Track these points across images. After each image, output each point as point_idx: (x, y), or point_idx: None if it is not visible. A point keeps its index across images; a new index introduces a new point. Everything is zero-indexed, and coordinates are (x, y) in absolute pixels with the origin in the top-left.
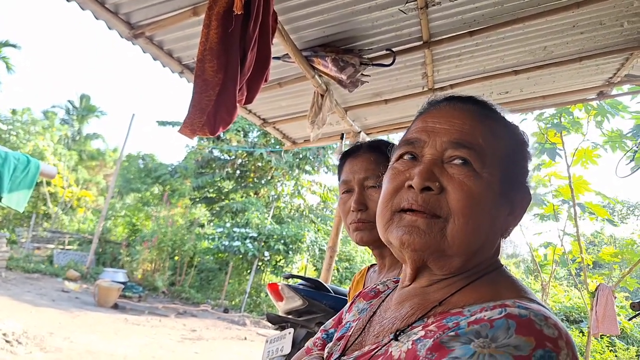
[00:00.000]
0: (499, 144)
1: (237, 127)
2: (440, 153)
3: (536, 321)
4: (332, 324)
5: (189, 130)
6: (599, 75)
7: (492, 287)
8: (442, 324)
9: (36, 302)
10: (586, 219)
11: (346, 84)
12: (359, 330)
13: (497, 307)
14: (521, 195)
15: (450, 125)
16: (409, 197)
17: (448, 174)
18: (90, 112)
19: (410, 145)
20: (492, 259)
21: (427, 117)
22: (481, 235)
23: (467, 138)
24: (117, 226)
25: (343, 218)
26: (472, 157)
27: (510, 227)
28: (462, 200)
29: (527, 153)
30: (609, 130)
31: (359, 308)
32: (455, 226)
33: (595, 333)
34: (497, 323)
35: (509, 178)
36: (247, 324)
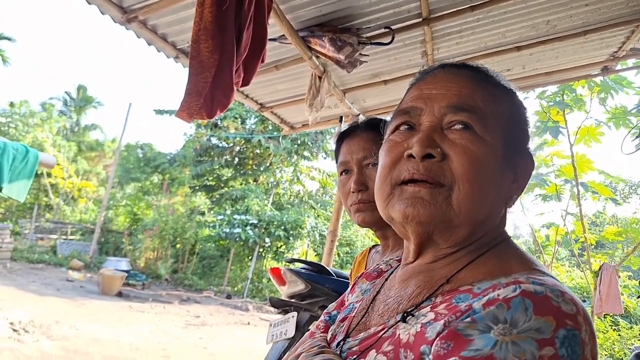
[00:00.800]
0: (499, 107)
1: (235, 114)
2: (439, 119)
3: (553, 297)
4: (335, 307)
5: (186, 114)
6: (604, 50)
7: (500, 260)
8: (452, 304)
9: (41, 292)
10: (589, 198)
11: (344, 64)
12: (363, 310)
13: (510, 284)
14: (524, 161)
15: (447, 90)
16: (409, 167)
17: (449, 140)
18: (87, 103)
19: (406, 115)
20: (497, 230)
21: (422, 85)
22: (488, 202)
23: (467, 101)
24: (118, 216)
25: (343, 200)
26: (473, 121)
27: (514, 195)
28: (466, 164)
29: (527, 117)
30: (613, 107)
31: (362, 289)
32: (461, 193)
33: (599, 312)
34: (514, 303)
35: (511, 143)
36: (250, 309)
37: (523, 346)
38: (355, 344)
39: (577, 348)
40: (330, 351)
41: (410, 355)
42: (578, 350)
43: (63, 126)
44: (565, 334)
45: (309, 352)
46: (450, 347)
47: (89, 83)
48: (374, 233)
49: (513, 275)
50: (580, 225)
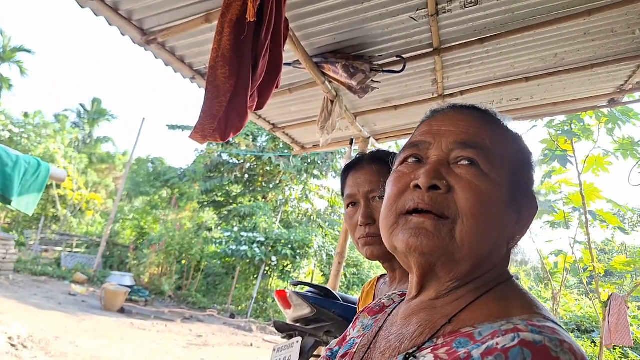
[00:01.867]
0: (506, 148)
1: (246, 132)
2: (447, 154)
3: (551, 348)
4: (336, 343)
5: (199, 136)
6: (610, 83)
7: (502, 302)
8: (452, 349)
9: (42, 306)
10: (597, 226)
11: (356, 90)
12: (365, 346)
13: (509, 331)
14: (529, 203)
15: (456, 127)
16: (415, 197)
17: (455, 174)
18: (101, 115)
19: (415, 148)
20: (500, 269)
21: (432, 121)
22: (491, 239)
23: (474, 139)
24: (125, 229)
25: (351, 233)
26: (479, 157)
27: (517, 235)
28: (471, 199)
29: (532, 162)
30: (620, 138)
31: (364, 324)
32: (465, 227)
33: (608, 344)
34: (512, 353)
35: (516, 184)
36: (254, 330)
37: None
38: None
39: None
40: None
41: None
42: None
43: (75, 138)
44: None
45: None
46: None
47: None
48: (382, 266)
49: (513, 319)
50: (588, 254)
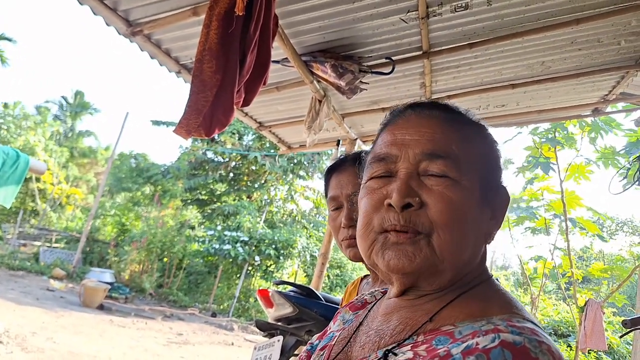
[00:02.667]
0: (472, 147)
1: (232, 130)
2: (415, 166)
3: (531, 349)
4: (317, 337)
5: (184, 131)
6: (595, 92)
7: (482, 301)
8: (431, 346)
9: (20, 301)
10: (577, 233)
11: (344, 90)
12: (344, 339)
13: (490, 332)
14: (500, 196)
15: (421, 136)
16: (390, 217)
17: (426, 187)
18: (83, 108)
19: (382, 162)
20: (479, 268)
21: (395, 129)
22: (469, 245)
23: (441, 147)
24: (106, 225)
25: (334, 235)
26: (448, 167)
27: (492, 231)
28: (444, 212)
29: (499, 153)
30: (602, 147)
31: (344, 318)
32: (441, 238)
33: (583, 348)
34: (493, 354)
35: (486, 181)
36: (235, 329)
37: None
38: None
39: None
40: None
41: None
42: None
43: (56, 131)
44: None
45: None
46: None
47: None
48: (365, 266)
49: (493, 319)
50: (567, 260)
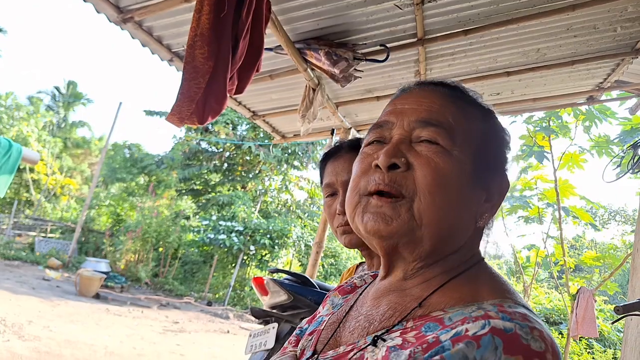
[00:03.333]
0: (471, 124)
1: (226, 120)
2: (408, 132)
3: (522, 335)
4: (306, 321)
5: (176, 119)
6: (590, 80)
7: (473, 285)
8: (420, 333)
9: (16, 290)
10: (569, 222)
11: (339, 78)
12: (333, 324)
13: (480, 318)
14: (498, 181)
15: (419, 105)
16: (375, 177)
17: (416, 152)
18: (76, 99)
19: (379, 129)
20: (470, 250)
21: (397, 101)
22: (451, 216)
23: (436, 116)
24: (100, 215)
25: (329, 221)
26: (440, 135)
27: (486, 213)
28: (429, 176)
29: (504, 139)
30: (597, 136)
31: (334, 303)
32: (422, 204)
33: (575, 335)
34: (484, 341)
35: (483, 161)
36: (231, 318)
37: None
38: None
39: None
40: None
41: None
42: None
43: (49, 121)
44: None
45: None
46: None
47: (79, 79)
48: (360, 252)
49: (484, 304)
50: (560, 249)
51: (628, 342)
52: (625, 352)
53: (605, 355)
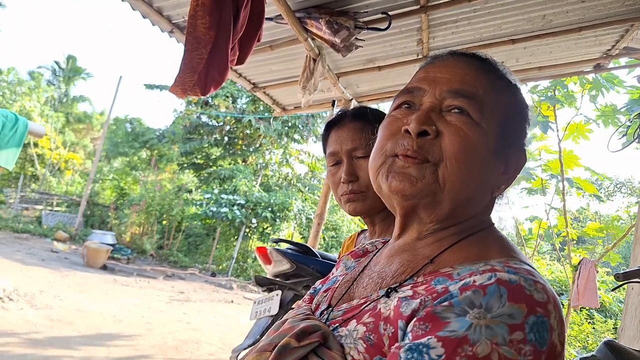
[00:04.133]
0: (500, 99)
1: (226, 93)
2: (439, 101)
3: (526, 287)
4: (320, 282)
5: (179, 90)
6: (597, 47)
7: (482, 246)
8: (430, 286)
9: (26, 261)
10: (573, 194)
11: (340, 47)
12: (347, 282)
13: (487, 271)
14: (517, 155)
15: (452, 75)
16: (404, 142)
17: (445, 120)
18: (76, 73)
19: (410, 94)
20: (483, 216)
21: (429, 68)
22: (473, 184)
23: (468, 88)
24: (104, 189)
25: (333, 190)
26: (470, 107)
27: (502, 185)
28: (457, 144)
29: (528, 116)
30: (603, 105)
31: (347, 265)
32: (447, 170)
33: (576, 305)
34: (490, 290)
35: (506, 135)
36: (234, 288)
37: (496, 330)
38: (339, 314)
39: (544, 333)
40: (315, 318)
41: (390, 329)
42: (546, 335)
43: (51, 96)
44: (535, 321)
45: (295, 318)
46: (428, 329)
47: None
48: (362, 221)
49: (491, 261)
50: (563, 220)
51: (628, 311)
52: (625, 321)
53: (606, 325)
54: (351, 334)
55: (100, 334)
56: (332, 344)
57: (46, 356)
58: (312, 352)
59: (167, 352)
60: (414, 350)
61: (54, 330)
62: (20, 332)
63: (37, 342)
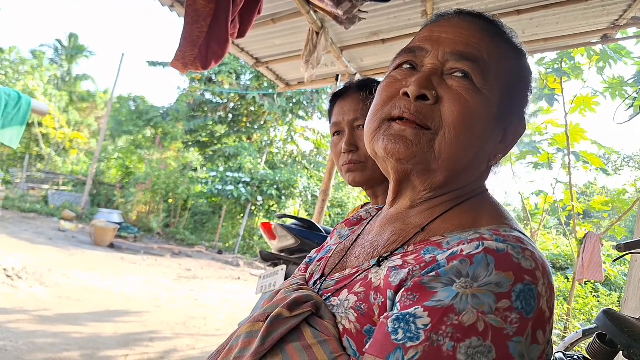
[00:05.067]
0: (504, 64)
1: (230, 70)
2: (442, 64)
3: (514, 255)
4: (315, 251)
5: (180, 64)
6: (604, 18)
7: (473, 213)
8: (420, 256)
9: (34, 241)
10: (580, 168)
11: (342, 20)
12: (341, 252)
13: (475, 240)
14: (516, 123)
15: (457, 36)
16: (401, 105)
17: (446, 85)
18: (79, 51)
19: (412, 54)
20: (478, 184)
21: (434, 27)
22: (470, 153)
23: (472, 51)
24: (110, 168)
25: (335, 160)
26: (473, 71)
27: (499, 154)
28: (456, 112)
29: (530, 83)
30: (610, 77)
31: (341, 234)
32: (445, 139)
33: (580, 279)
34: (477, 259)
35: (508, 102)
36: (241, 265)
37: (482, 299)
38: (332, 284)
39: (532, 301)
40: (308, 288)
41: (380, 299)
42: (533, 303)
43: (54, 75)
44: (522, 289)
45: (288, 289)
46: (415, 299)
47: (80, 31)
48: (364, 192)
49: (481, 229)
50: (569, 194)
51: (632, 282)
52: (628, 293)
53: (611, 298)
54: (343, 304)
55: (108, 311)
56: (324, 313)
57: (55, 332)
58: (304, 322)
59: (175, 327)
60: (401, 320)
61: (62, 308)
62: (30, 309)
63: (46, 319)
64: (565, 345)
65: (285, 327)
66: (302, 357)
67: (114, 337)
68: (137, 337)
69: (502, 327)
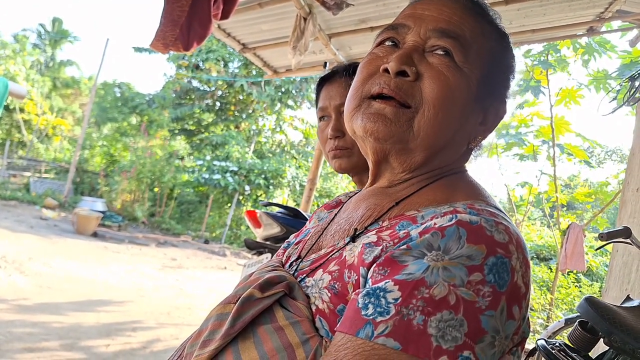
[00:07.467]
0: (486, 44)
1: (217, 57)
2: (423, 41)
3: (487, 227)
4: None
5: (161, 44)
6: (590, 10)
7: (449, 188)
8: (394, 232)
9: (14, 229)
10: (564, 161)
11: (330, 5)
12: (318, 233)
13: (448, 213)
14: (497, 105)
15: (439, 13)
16: (381, 81)
17: (427, 62)
18: (63, 36)
19: (393, 31)
20: (456, 164)
21: (417, 4)
22: (448, 132)
23: (454, 28)
24: (94, 156)
25: (322, 146)
26: (455, 49)
27: (479, 136)
28: (436, 90)
29: (512, 65)
30: (595, 70)
31: (320, 217)
32: (424, 117)
33: (563, 269)
34: (448, 231)
35: (488, 83)
36: (227, 255)
37: (453, 271)
38: (307, 264)
39: (505, 274)
40: (282, 269)
41: (353, 276)
42: (506, 276)
43: (37, 60)
44: (495, 262)
45: (262, 270)
46: (386, 273)
47: (64, 16)
48: (351, 178)
49: (456, 204)
50: (553, 186)
51: (613, 272)
52: (609, 282)
53: (592, 288)
54: (317, 284)
55: (90, 301)
56: (297, 294)
57: (34, 322)
58: (276, 303)
59: (159, 317)
60: (372, 294)
61: (43, 297)
62: (9, 298)
63: (26, 309)
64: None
65: (256, 308)
66: (274, 338)
67: (96, 326)
68: (119, 326)
69: (474, 301)
